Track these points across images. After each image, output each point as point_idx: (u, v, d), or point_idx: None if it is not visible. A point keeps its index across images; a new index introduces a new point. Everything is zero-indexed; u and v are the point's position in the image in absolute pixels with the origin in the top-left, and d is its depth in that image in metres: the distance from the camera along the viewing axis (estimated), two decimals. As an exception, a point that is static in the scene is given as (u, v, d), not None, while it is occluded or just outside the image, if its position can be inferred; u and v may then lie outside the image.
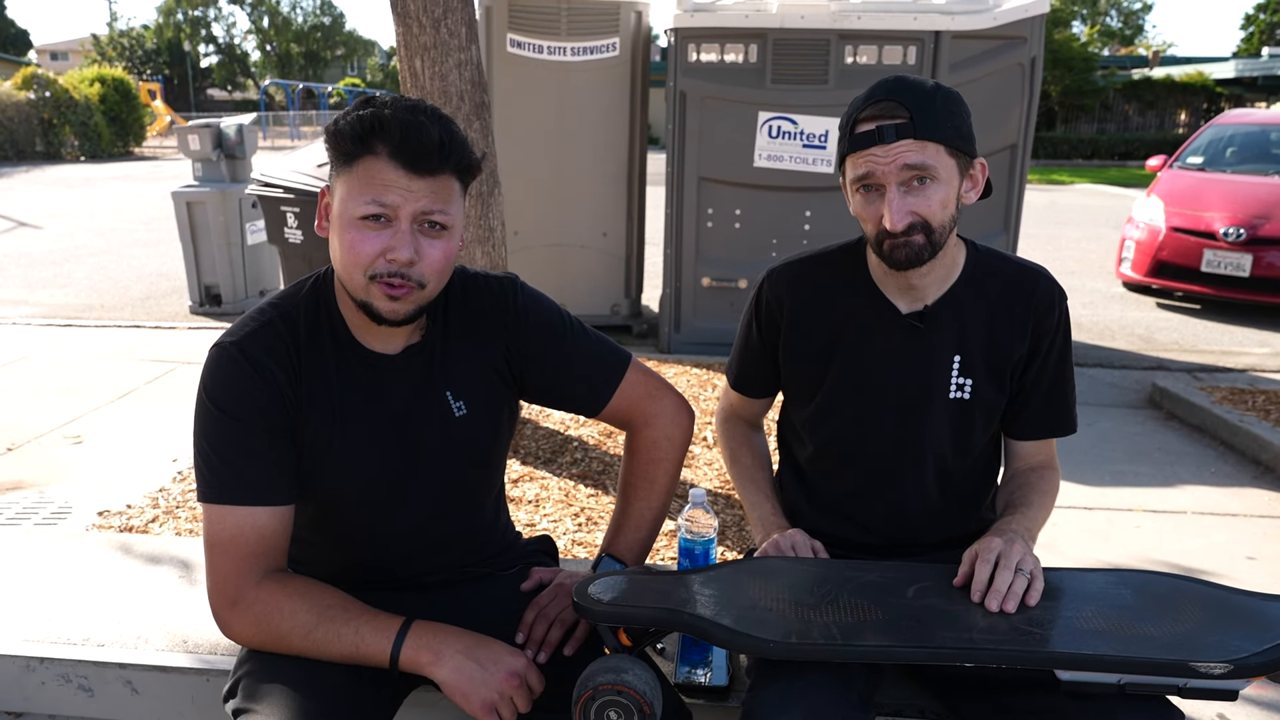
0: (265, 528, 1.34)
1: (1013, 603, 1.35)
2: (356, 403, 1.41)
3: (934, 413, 1.61)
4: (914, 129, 1.42)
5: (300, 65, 61.51)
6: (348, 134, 1.28)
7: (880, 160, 1.45)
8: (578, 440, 3.79)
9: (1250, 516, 3.46)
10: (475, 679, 1.29)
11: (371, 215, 1.28)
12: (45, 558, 2.27)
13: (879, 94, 1.46)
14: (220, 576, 1.33)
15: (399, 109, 1.28)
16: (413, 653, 1.30)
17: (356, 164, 1.28)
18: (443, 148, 1.29)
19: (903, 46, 4.93)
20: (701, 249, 5.32)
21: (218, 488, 1.33)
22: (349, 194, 1.29)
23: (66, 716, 1.92)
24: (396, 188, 1.27)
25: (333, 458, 1.40)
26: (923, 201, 1.45)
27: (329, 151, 1.33)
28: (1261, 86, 28.02)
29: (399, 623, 1.32)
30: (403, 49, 3.30)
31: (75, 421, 4.17)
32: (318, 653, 1.32)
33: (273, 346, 1.36)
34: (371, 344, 1.43)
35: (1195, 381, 4.91)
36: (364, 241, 1.28)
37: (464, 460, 1.51)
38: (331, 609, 1.33)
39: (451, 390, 1.47)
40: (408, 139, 1.26)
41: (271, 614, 1.31)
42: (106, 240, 10.36)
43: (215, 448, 1.34)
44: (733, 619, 1.33)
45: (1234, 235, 6.79)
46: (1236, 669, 1.22)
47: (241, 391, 1.33)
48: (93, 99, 25.86)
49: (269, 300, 1.44)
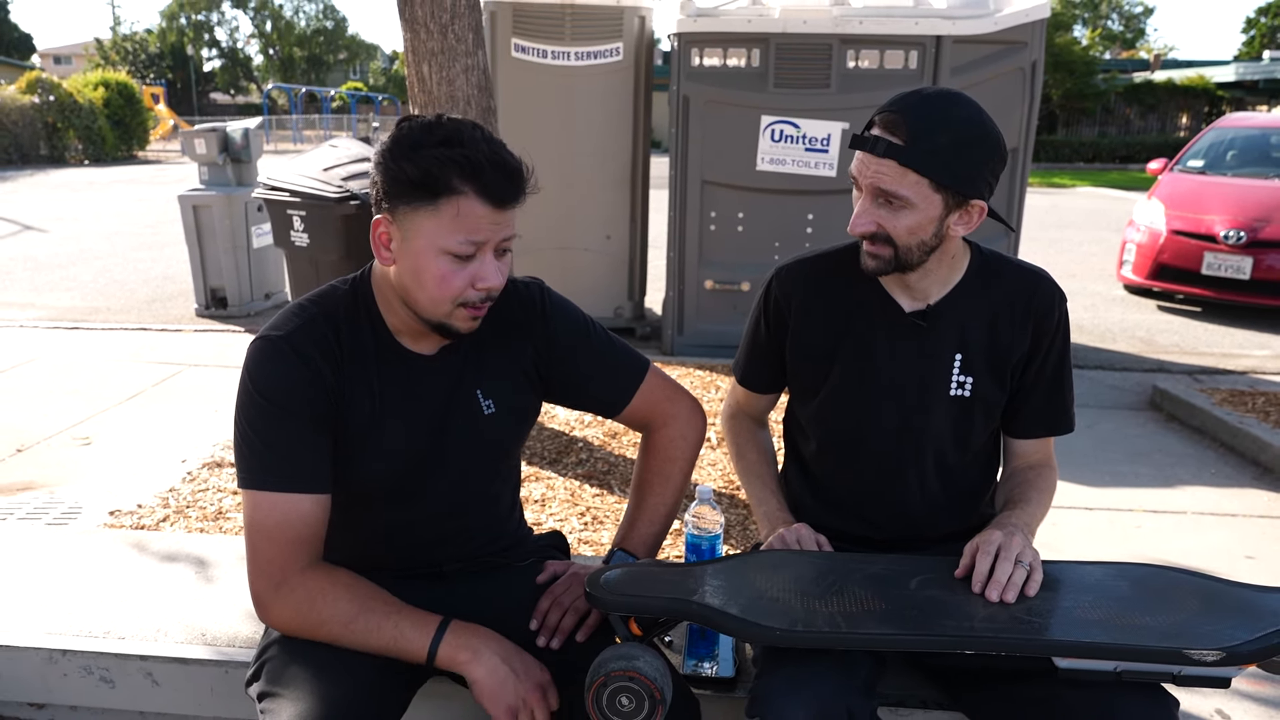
0: (309, 514, 1.38)
1: (1012, 593, 1.39)
2: (395, 399, 1.46)
3: (935, 409, 1.65)
4: (901, 154, 1.45)
5: (303, 69, 61.61)
6: (438, 175, 1.29)
7: (862, 169, 1.51)
8: (583, 441, 3.83)
9: (1250, 517, 3.49)
10: (507, 684, 1.34)
11: (466, 254, 1.33)
12: (62, 554, 2.30)
13: (897, 104, 1.47)
14: (264, 560, 1.37)
15: (480, 148, 1.31)
16: (451, 650, 1.35)
17: (444, 202, 1.31)
18: (522, 180, 1.35)
19: (904, 51, 4.97)
20: (704, 252, 5.36)
21: (263, 474, 1.36)
22: (437, 231, 1.32)
23: (88, 708, 1.96)
24: (486, 223, 1.33)
25: (369, 451, 1.45)
26: (890, 219, 1.50)
27: (396, 184, 1.32)
28: (1262, 90, 28.06)
29: (437, 620, 1.37)
30: (410, 54, 3.34)
31: (84, 423, 4.21)
32: (354, 642, 1.36)
33: (318, 341, 1.41)
34: (410, 345, 1.48)
35: (1196, 383, 4.94)
36: (455, 275, 1.35)
37: (487, 456, 1.56)
38: (373, 601, 1.37)
39: (481, 390, 1.53)
40: (501, 179, 1.32)
41: (315, 600, 1.35)
42: (112, 244, 10.41)
43: (261, 435, 1.37)
44: (740, 608, 1.37)
45: (1234, 238, 6.83)
46: (1229, 656, 1.26)
47: (289, 383, 1.37)
48: (96, 103, 25.94)
49: (308, 298, 1.48)
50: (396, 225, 1.36)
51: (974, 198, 1.50)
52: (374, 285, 1.47)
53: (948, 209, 1.50)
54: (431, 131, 1.32)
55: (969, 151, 1.46)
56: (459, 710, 1.76)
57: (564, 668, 1.49)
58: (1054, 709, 1.37)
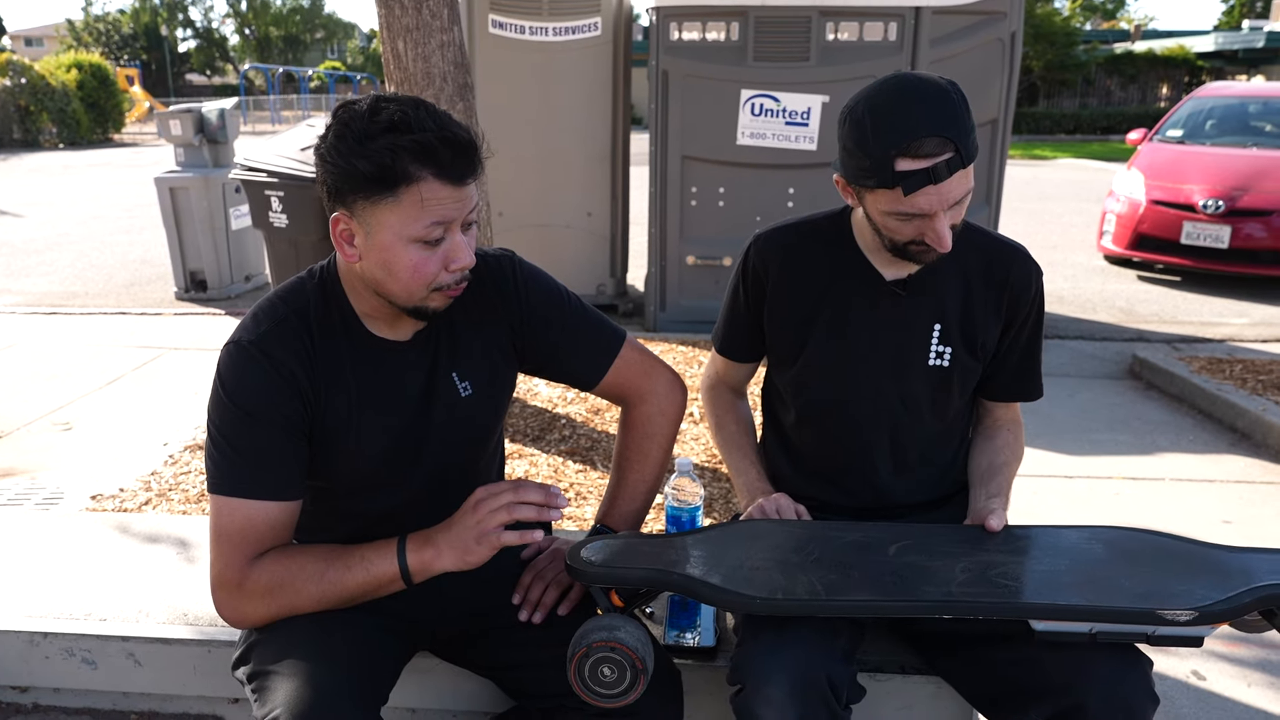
0: (275, 521, 1.37)
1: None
2: (370, 392, 1.44)
3: (914, 379, 1.66)
4: (962, 159, 1.42)
5: (280, 49, 60.91)
6: (392, 165, 1.25)
7: (935, 198, 1.43)
8: (565, 418, 3.83)
9: (1226, 482, 3.53)
10: (460, 539, 1.33)
11: (435, 238, 1.30)
12: (43, 538, 2.29)
13: (919, 131, 1.39)
14: (224, 564, 1.36)
15: (426, 127, 1.26)
16: (417, 560, 1.35)
17: (403, 191, 1.26)
18: (475, 152, 1.30)
19: (883, 23, 4.95)
20: (685, 227, 5.35)
21: (233, 481, 1.35)
22: (401, 220, 1.28)
23: (71, 689, 1.96)
24: (449, 203, 1.29)
25: (348, 444, 1.43)
26: (960, 213, 1.49)
27: (349, 179, 1.28)
28: (1242, 59, 28.15)
29: (394, 541, 1.37)
30: (385, 31, 3.30)
31: (64, 408, 4.18)
32: (334, 594, 1.35)
33: (291, 344, 1.38)
34: (383, 332, 1.45)
35: (1174, 352, 4.99)
36: (428, 262, 1.31)
37: (466, 438, 1.55)
38: (333, 552, 1.38)
39: (458, 372, 1.51)
40: (454, 157, 1.27)
41: (281, 574, 1.35)
42: (89, 228, 10.30)
43: (231, 441, 1.35)
44: (721, 578, 1.38)
45: (1213, 207, 6.86)
46: (1201, 616, 1.28)
47: (261, 390, 1.35)
48: (70, 85, 25.58)
49: (277, 295, 1.44)
50: (357, 221, 1.31)
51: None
52: (341, 274, 1.44)
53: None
54: (375, 118, 1.26)
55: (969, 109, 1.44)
56: (445, 685, 1.77)
57: (547, 641, 1.50)
58: (1030, 671, 1.39)
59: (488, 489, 1.36)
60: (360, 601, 1.38)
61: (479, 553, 1.33)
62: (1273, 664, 2.38)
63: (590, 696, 1.34)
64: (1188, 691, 2.29)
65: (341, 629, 1.39)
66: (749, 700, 1.37)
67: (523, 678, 1.55)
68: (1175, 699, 2.25)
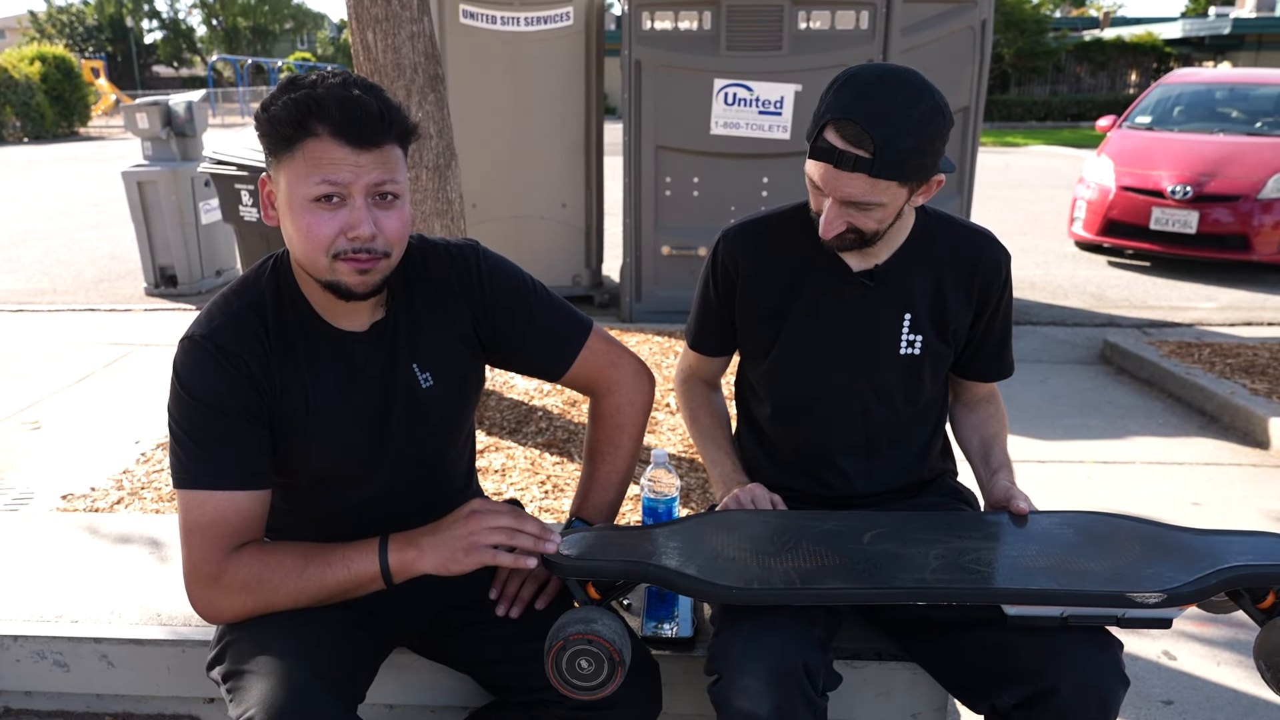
0: (245, 510, 1.35)
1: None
2: (328, 382, 1.43)
3: (886, 368, 1.67)
4: (871, 167, 1.42)
5: (248, 40, 60.14)
6: (284, 119, 1.26)
7: (827, 180, 1.47)
8: (542, 410, 3.83)
9: (1196, 465, 3.59)
10: (447, 546, 1.34)
11: (324, 196, 1.27)
12: (12, 539, 2.26)
13: (855, 111, 1.41)
14: (198, 559, 1.34)
15: (330, 86, 1.26)
16: (399, 560, 1.35)
17: (299, 148, 1.27)
18: (383, 118, 1.28)
19: (855, 11, 4.96)
20: (660, 218, 5.34)
21: (197, 473, 1.34)
22: (296, 178, 1.28)
23: (43, 692, 1.93)
24: (345, 165, 1.26)
25: (308, 438, 1.42)
26: (860, 218, 1.51)
27: (264, 140, 1.31)
28: (1209, 46, 28.44)
29: (376, 540, 1.37)
30: (354, 22, 3.27)
31: (33, 407, 4.13)
32: (313, 591, 1.34)
33: (244, 337, 1.37)
34: (339, 323, 1.44)
35: (1144, 337, 5.05)
36: (320, 224, 1.28)
37: (432, 431, 1.53)
38: (313, 549, 1.37)
39: (418, 363, 1.49)
40: (348, 115, 1.25)
41: (259, 569, 1.34)
42: (55, 223, 10.14)
43: (193, 435, 1.34)
44: (697, 569, 1.38)
45: (1181, 193, 6.94)
46: (1170, 598, 1.30)
47: (218, 383, 1.34)
48: (34, 78, 25.13)
49: (231, 289, 1.43)
50: (273, 182, 1.34)
51: (934, 175, 1.51)
52: (293, 264, 1.42)
53: (911, 192, 1.51)
54: (294, 83, 1.29)
55: (933, 144, 1.45)
56: (423, 681, 1.76)
57: (525, 636, 1.49)
58: (1003, 655, 1.41)
59: (485, 504, 1.37)
60: (338, 600, 1.38)
61: (465, 564, 1.34)
62: (1241, 643, 2.42)
63: (568, 689, 1.34)
64: (1159, 671, 2.32)
65: (316, 627, 1.38)
66: (726, 689, 1.38)
67: (501, 672, 1.54)
68: (1146, 679, 2.28)
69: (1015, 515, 1.55)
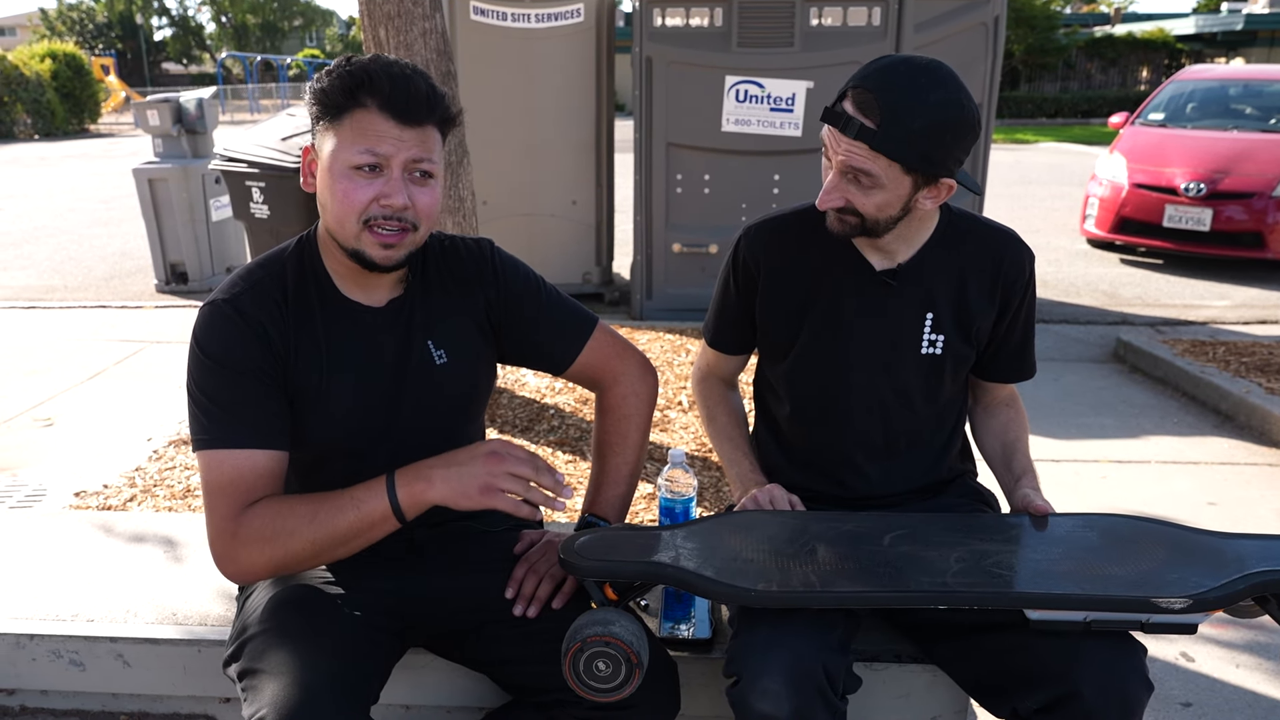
0: (263, 468, 1.37)
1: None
2: (344, 353, 1.46)
3: (907, 368, 1.66)
4: (873, 138, 1.42)
5: (257, 37, 60.22)
6: (338, 88, 1.33)
7: (834, 144, 1.48)
8: (554, 408, 3.82)
9: (1211, 464, 3.56)
10: (462, 477, 1.33)
11: (366, 165, 1.33)
12: (27, 537, 2.26)
13: (873, 80, 1.42)
14: (219, 518, 1.35)
15: (383, 64, 1.35)
16: (408, 494, 1.34)
17: (346, 117, 1.33)
18: (429, 99, 1.35)
19: (867, 8, 4.94)
20: (671, 215, 5.33)
21: (215, 433, 1.36)
22: (340, 145, 1.34)
23: (59, 691, 1.93)
24: (389, 137, 1.33)
25: (322, 407, 1.44)
26: (859, 196, 1.49)
27: (314, 108, 1.37)
28: (1221, 42, 28.28)
29: (384, 477, 1.36)
30: (366, 19, 3.27)
31: (45, 404, 4.14)
32: (327, 536, 1.33)
33: (263, 303, 1.41)
34: (357, 297, 1.48)
35: (1158, 335, 5.02)
36: (357, 189, 1.34)
37: (445, 408, 1.55)
38: (324, 495, 1.37)
39: (433, 340, 1.52)
40: (397, 90, 1.32)
41: (273, 519, 1.34)
42: (66, 220, 10.17)
43: (211, 396, 1.37)
44: (715, 570, 1.37)
45: (1195, 190, 6.89)
46: (1196, 603, 1.28)
47: (236, 344, 1.38)
48: (44, 75, 25.20)
49: (255, 262, 1.48)
50: (315, 148, 1.40)
51: (944, 176, 1.49)
52: (319, 237, 1.48)
53: (917, 187, 1.49)
54: (349, 60, 1.36)
55: (943, 136, 1.43)
56: (439, 681, 1.76)
57: (541, 636, 1.48)
58: (1025, 659, 1.39)
59: (505, 444, 1.37)
60: (358, 546, 1.36)
61: (477, 501, 1.32)
62: (1261, 646, 2.40)
63: (586, 691, 1.33)
64: (1177, 673, 2.31)
65: (332, 627, 1.38)
66: (745, 692, 1.37)
67: (518, 672, 1.54)
68: (1165, 680, 2.27)
69: (1036, 516, 1.54)
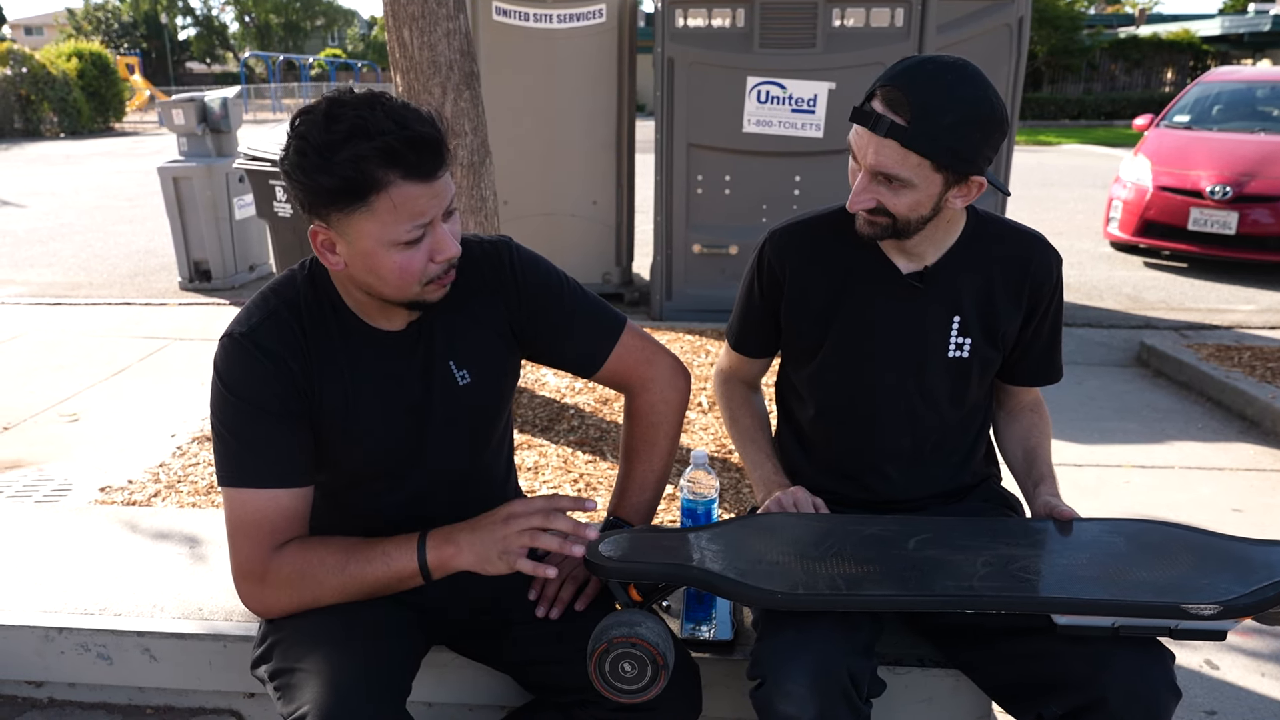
0: (288, 509, 1.37)
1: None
2: (366, 380, 1.44)
3: (933, 371, 1.65)
4: (904, 135, 1.41)
5: (280, 36, 60.68)
6: (355, 179, 1.22)
7: (862, 145, 1.48)
8: (574, 408, 3.83)
9: (1236, 470, 3.52)
10: (485, 545, 1.34)
11: (416, 238, 1.28)
12: (54, 532, 2.29)
13: (901, 78, 1.42)
14: (244, 558, 1.36)
15: (387, 125, 1.21)
16: (437, 556, 1.35)
17: (374, 199, 1.24)
18: (441, 144, 1.27)
19: (890, 9, 4.91)
20: (692, 216, 5.32)
21: (240, 471, 1.36)
22: (381, 228, 1.26)
23: (87, 684, 1.96)
24: (425, 201, 1.27)
25: (347, 435, 1.43)
26: (890, 197, 1.49)
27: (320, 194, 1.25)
28: (1248, 43, 27.95)
29: (415, 536, 1.38)
30: (390, 19, 3.28)
31: (70, 399, 4.18)
32: (355, 586, 1.36)
33: (283, 335, 1.38)
34: (376, 323, 1.45)
35: (1182, 339, 4.97)
36: (413, 260, 1.30)
37: (470, 426, 1.54)
38: (354, 545, 1.38)
39: (455, 360, 1.49)
40: (420, 156, 1.24)
41: (302, 565, 1.35)
42: (92, 217, 10.28)
43: (235, 433, 1.36)
44: (740, 572, 1.37)
45: (1220, 193, 6.82)
46: (1226, 610, 1.27)
47: (258, 380, 1.36)
48: (71, 74, 25.50)
49: (269, 288, 1.44)
50: (335, 231, 1.29)
51: (974, 174, 1.48)
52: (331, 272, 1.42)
53: (947, 185, 1.49)
54: (333, 127, 1.21)
55: (973, 132, 1.43)
56: (462, 680, 1.77)
57: (565, 636, 1.49)
58: (1051, 664, 1.39)
59: (525, 504, 1.37)
60: (383, 595, 1.39)
61: (498, 566, 1.34)
62: (1286, 653, 2.37)
63: (611, 692, 1.33)
64: (1201, 680, 2.29)
65: (363, 624, 1.39)
66: (770, 695, 1.36)
67: (541, 672, 1.54)
68: (1188, 687, 2.24)
69: (1061, 521, 1.53)
